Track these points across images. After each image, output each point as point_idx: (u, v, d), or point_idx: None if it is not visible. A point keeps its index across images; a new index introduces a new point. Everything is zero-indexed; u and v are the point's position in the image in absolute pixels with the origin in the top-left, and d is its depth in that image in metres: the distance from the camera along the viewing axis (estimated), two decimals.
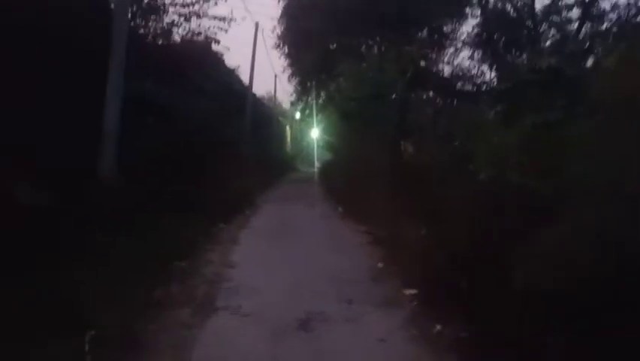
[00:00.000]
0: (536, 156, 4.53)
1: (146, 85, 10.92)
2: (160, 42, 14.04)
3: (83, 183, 7.08)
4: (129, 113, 8.72)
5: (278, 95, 38.94)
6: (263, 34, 23.62)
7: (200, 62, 15.14)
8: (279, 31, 23.13)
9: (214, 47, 15.42)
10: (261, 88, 40.85)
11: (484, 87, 20.41)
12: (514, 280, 4.01)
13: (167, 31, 14.07)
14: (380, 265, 6.73)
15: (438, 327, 4.36)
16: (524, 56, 19.39)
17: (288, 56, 24.04)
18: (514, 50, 20.12)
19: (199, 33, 14.51)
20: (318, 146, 34.52)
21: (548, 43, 18.37)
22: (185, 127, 11.75)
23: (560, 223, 3.93)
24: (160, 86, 11.45)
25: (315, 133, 34.21)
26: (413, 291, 5.41)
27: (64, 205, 5.81)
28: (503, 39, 19.79)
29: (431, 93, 20.92)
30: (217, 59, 17.54)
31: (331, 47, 21.68)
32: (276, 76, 34.89)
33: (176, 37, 14.16)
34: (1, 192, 5.19)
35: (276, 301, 4.93)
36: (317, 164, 32.84)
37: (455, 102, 19.92)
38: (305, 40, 21.24)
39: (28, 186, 5.66)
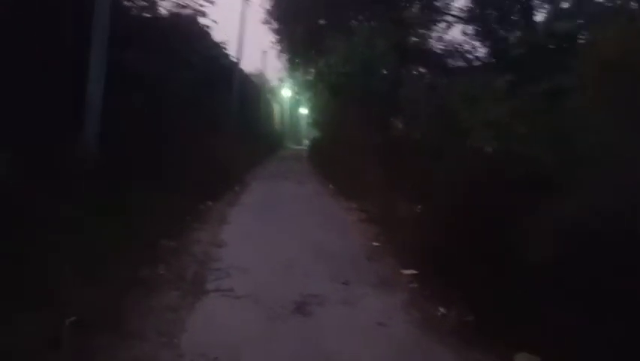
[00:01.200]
0: (544, 126, 4.28)
1: (130, 57, 10.52)
2: (146, 15, 13.57)
3: (63, 157, 6.74)
4: (113, 85, 8.36)
5: (266, 72, 38.41)
6: (251, 8, 23.09)
7: (187, 35, 14.70)
8: (267, 6, 22.54)
9: (201, 20, 15.03)
10: (249, 65, 40.14)
11: (477, 63, 20.17)
12: (519, 256, 3.81)
13: (153, 3, 13.59)
14: (375, 243, 6.52)
15: (441, 310, 4.15)
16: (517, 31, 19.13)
17: (277, 31, 23.49)
18: (505, 26, 19.79)
19: (185, 5, 14.07)
20: (306, 123, 34.15)
21: (541, 18, 18.02)
22: (172, 101, 11.39)
23: (566, 195, 3.72)
24: (145, 59, 11.06)
25: (303, 110, 33.84)
26: (411, 271, 5.20)
27: (41, 180, 5.46)
28: (495, 14, 19.45)
29: (421, 69, 20.64)
30: (204, 33, 17.05)
31: (320, 22, 21.20)
32: (264, 52, 34.35)
33: (162, 10, 13.68)
34: None
35: (270, 283, 4.69)
36: (305, 141, 32.57)
37: (446, 78, 19.62)
38: (293, 15, 20.73)
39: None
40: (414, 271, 5.20)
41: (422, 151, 9.24)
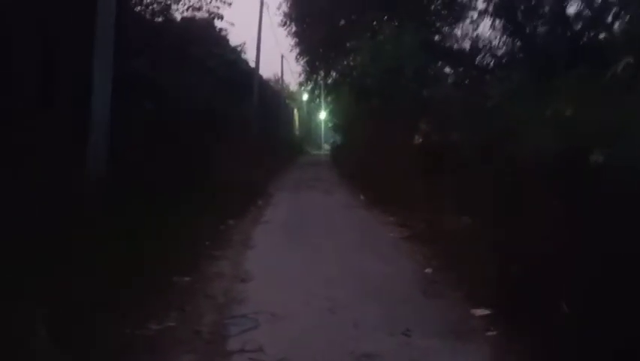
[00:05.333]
0: None
1: (142, 64, 9.70)
2: (159, 19, 12.80)
3: (66, 179, 5.85)
4: (123, 95, 7.50)
5: (285, 77, 37.71)
6: (269, 11, 22.29)
7: (202, 39, 13.94)
8: (285, 8, 21.73)
9: (217, 23, 14.30)
10: (267, 70, 39.66)
11: (505, 59, 19.07)
12: None
13: (166, 7, 12.80)
14: (428, 270, 5.47)
15: None
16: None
17: (295, 34, 22.72)
18: (536, 19, 18.66)
19: (199, 8, 13.28)
20: (326, 128, 33.43)
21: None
22: (188, 109, 10.56)
23: None
24: (158, 66, 10.26)
25: (323, 115, 33.04)
26: (484, 311, 4.16)
27: (31, 209, 4.55)
28: (522, 7, 18.32)
29: (447, 69, 19.64)
30: (220, 37, 16.34)
31: (341, 22, 20.37)
32: (282, 57, 33.67)
33: (176, 15, 12.90)
34: None
35: (310, 337, 3.63)
36: (326, 146, 31.82)
37: (476, 75, 18.60)
38: (313, 16, 19.94)
39: None
40: (487, 311, 4.16)
41: (468, 157, 8.19)
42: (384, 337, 3.64)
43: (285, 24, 22.38)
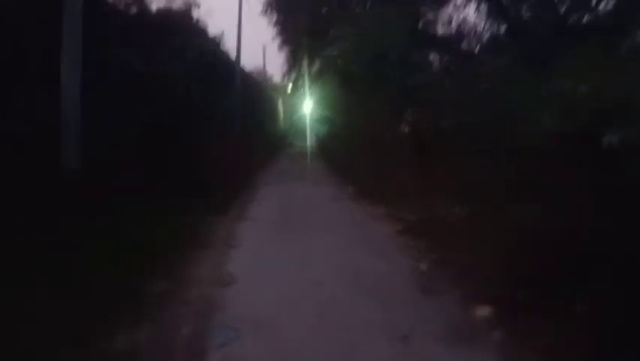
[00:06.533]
0: None
1: (116, 54, 9.23)
2: (132, 11, 12.33)
3: (35, 180, 5.38)
4: (96, 86, 7.05)
5: (268, 68, 37.17)
6: (249, 1, 21.78)
7: (180, 30, 13.46)
8: None
9: (195, 13, 13.88)
10: (249, 62, 39.03)
11: (491, 44, 18.77)
12: None
13: None
14: (424, 265, 5.11)
15: None
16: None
17: (277, 23, 22.23)
18: (518, 2, 18.32)
19: None
20: (311, 119, 32.90)
21: None
22: (167, 101, 10.11)
23: None
24: (134, 56, 9.79)
25: (308, 105, 32.51)
26: (488, 309, 3.81)
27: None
28: None
29: (432, 56, 19.32)
30: (199, 28, 15.86)
31: (323, 10, 19.96)
32: (264, 48, 33.15)
33: (152, 7, 12.45)
34: None
35: (299, 347, 3.25)
36: (311, 138, 31.33)
37: (462, 61, 18.27)
38: (294, 4, 19.50)
39: None
40: (491, 309, 3.81)
41: (461, 143, 7.84)
42: (382, 341, 3.27)
43: (266, 12, 21.93)
